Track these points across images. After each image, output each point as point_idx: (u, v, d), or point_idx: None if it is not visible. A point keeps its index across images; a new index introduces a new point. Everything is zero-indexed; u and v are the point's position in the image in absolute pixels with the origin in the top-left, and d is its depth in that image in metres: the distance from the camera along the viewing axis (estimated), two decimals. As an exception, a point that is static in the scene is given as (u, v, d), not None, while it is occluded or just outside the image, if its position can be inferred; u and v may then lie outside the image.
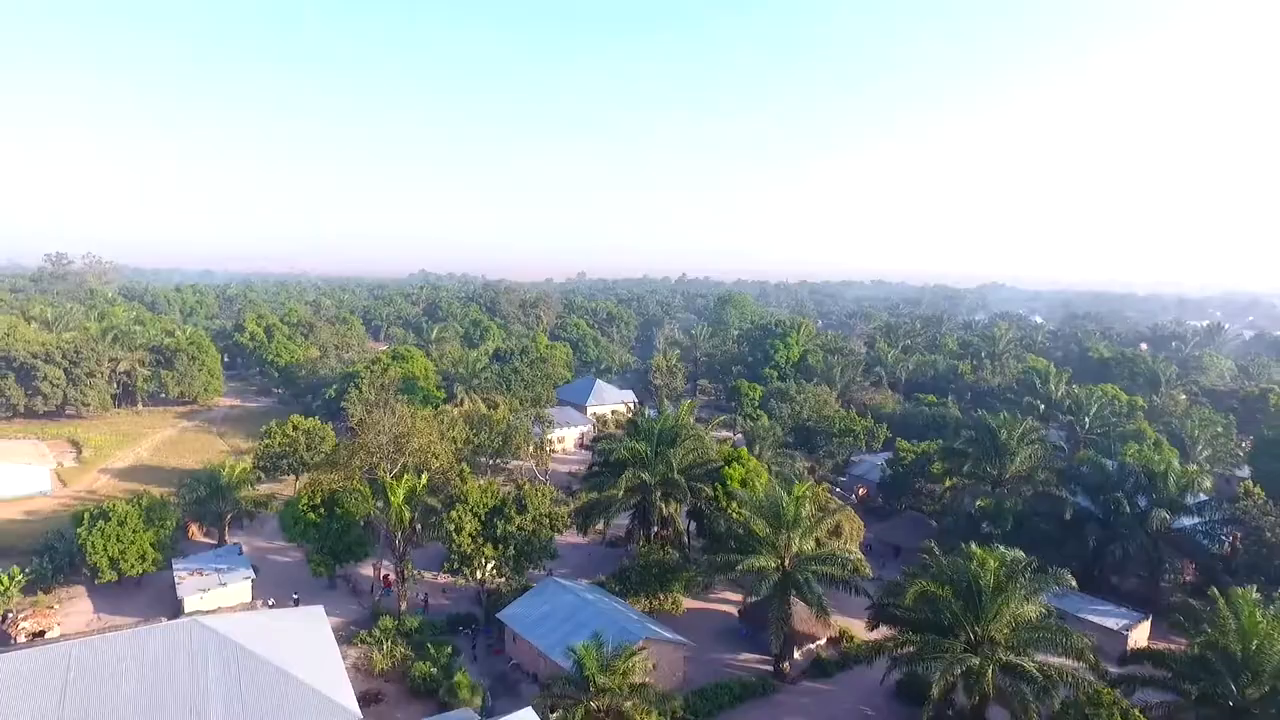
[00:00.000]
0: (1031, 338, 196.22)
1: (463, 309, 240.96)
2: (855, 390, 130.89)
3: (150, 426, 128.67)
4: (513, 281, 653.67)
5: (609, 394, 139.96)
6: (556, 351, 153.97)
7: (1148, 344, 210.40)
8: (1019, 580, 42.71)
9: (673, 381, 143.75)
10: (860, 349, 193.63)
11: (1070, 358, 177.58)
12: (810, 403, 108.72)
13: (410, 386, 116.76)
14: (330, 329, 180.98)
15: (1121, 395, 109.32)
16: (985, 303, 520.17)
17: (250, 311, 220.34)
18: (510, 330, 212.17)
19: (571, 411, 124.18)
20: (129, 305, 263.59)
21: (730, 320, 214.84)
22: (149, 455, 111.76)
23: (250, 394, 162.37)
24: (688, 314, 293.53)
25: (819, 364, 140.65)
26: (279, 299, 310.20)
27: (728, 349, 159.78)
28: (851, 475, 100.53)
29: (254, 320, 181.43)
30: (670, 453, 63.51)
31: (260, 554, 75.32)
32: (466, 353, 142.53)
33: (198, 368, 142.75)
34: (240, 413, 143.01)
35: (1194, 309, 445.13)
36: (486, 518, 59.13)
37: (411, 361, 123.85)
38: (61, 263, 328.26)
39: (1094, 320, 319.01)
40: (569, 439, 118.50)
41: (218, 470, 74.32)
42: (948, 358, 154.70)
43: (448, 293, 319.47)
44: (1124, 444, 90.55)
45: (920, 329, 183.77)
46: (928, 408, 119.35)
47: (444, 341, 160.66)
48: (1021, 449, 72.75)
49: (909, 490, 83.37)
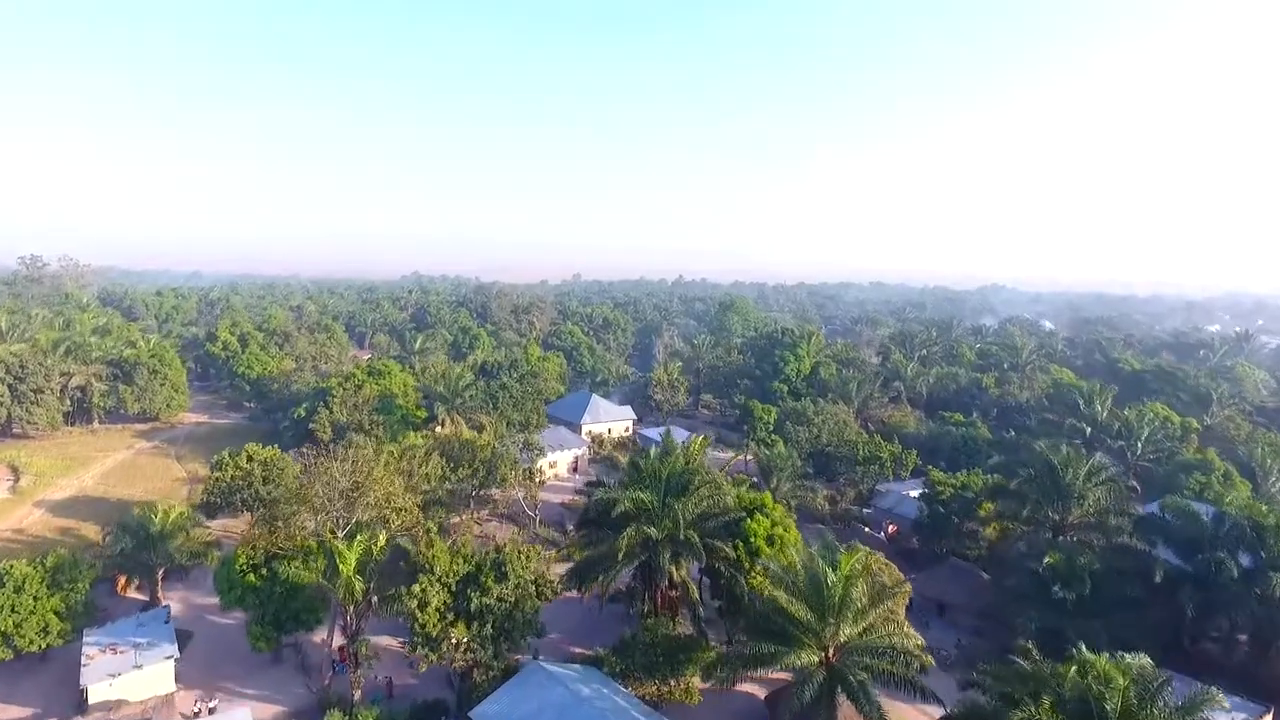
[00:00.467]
0: (1051, 346, 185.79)
1: (452, 315, 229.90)
2: (873, 407, 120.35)
3: (103, 448, 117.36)
4: (507, 283, 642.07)
5: (606, 410, 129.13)
6: (549, 364, 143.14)
7: (1171, 352, 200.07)
8: (1155, 705, 32.07)
9: (674, 396, 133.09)
10: (873, 359, 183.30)
11: (1095, 368, 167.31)
12: (829, 425, 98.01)
13: (387, 405, 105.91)
14: (308, 339, 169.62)
15: (1174, 417, 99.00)
16: (988, 305, 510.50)
17: (225, 318, 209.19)
18: (501, 338, 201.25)
19: (565, 432, 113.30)
20: (103, 311, 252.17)
21: (733, 327, 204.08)
22: (94, 484, 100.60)
23: (220, 409, 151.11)
24: (686, 319, 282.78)
25: (833, 378, 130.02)
26: (263, 303, 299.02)
27: (732, 360, 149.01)
28: (878, 508, 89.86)
29: (227, 328, 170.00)
30: (680, 505, 52.68)
31: (199, 615, 64.42)
32: (450, 367, 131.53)
33: (160, 382, 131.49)
34: (206, 430, 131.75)
35: (1201, 312, 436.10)
36: (458, 587, 48.37)
37: (389, 377, 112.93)
38: (36, 265, 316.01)
39: (1105, 324, 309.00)
40: (562, 463, 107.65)
41: (147, 518, 63.30)
42: (968, 370, 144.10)
43: (438, 297, 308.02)
44: (1187, 475, 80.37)
45: (935, 338, 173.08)
46: (954, 428, 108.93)
47: (428, 353, 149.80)
48: (1090, 491, 62.13)
49: (951, 533, 72.68)
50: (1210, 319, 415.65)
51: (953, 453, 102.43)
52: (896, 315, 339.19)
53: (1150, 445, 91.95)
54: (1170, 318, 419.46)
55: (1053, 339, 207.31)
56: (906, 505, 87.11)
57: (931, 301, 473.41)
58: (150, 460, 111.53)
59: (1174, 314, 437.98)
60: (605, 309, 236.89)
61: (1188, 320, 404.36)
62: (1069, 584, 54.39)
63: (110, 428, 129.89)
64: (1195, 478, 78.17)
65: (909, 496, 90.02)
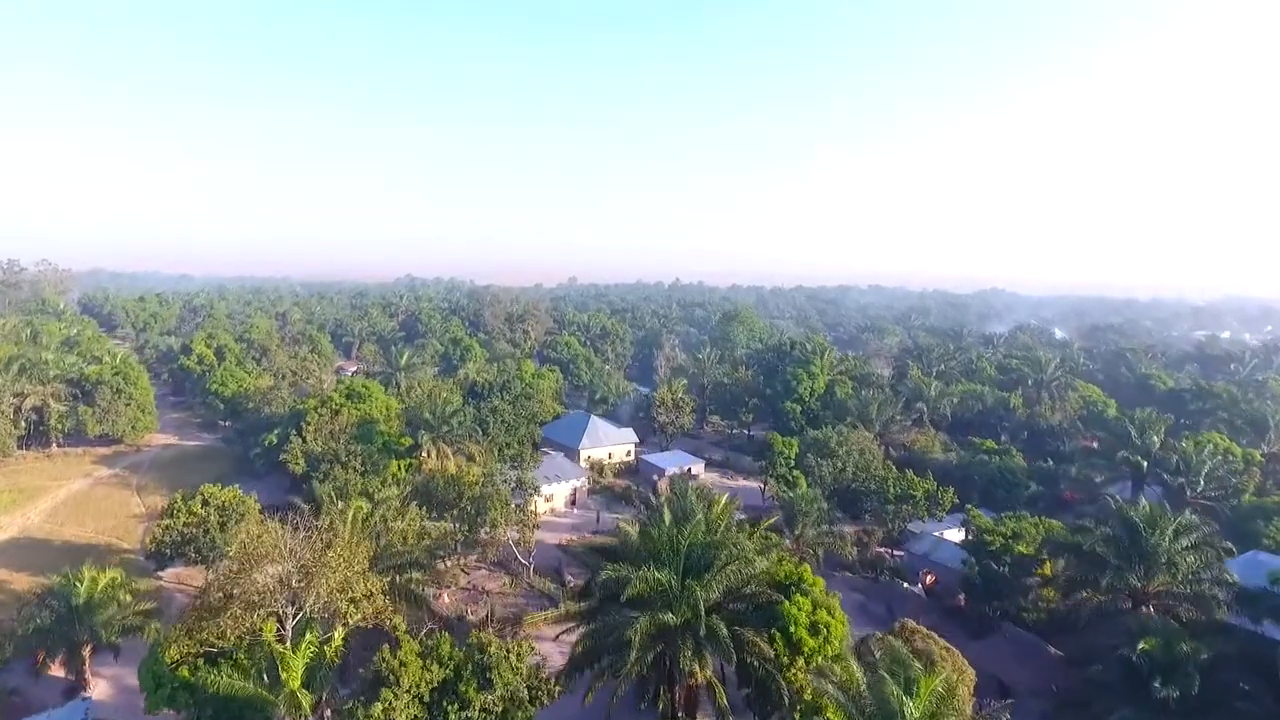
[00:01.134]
0: (1072, 358, 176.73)
1: (443, 324, 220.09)
2: (895, 431, 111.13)
3: (57, 476, 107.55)
4: (501, 287, 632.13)
5: (606, 433, 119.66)
6: (544, 381, 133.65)
7: (1195, 363, 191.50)
8: None
9: (679, 417, 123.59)
10: (884, 372, 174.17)
11: (1121, 384, 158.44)
12: (855, 457, 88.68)
13: (367, 432, 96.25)
14: (288, 353, 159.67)
15: (1235, 448, 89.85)
16: (991, 309, 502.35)
17: (204, 329, 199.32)
18: (494, 349, 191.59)
19: (561, 461, 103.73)
20: (79, 319, 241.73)
21: (736, 338, 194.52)
22: (41, 521, 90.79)
23: (193, 428, 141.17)
24: (686, 326, 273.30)
25: (849, 398, 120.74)
26: (248, 309, 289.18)
27: (739, 377, 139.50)
28: (912, 553, 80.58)
29: (203, 341, 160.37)
30: (701, 586, 43.31)
31: (132, 700, 54.49)
32: (438, 386, 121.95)
33: (124, 402, 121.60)
34: (173, 455, 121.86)
35: (1209, 318, 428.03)
36: (432, 698, 38.93)
37: (370, 400, 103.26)
38: (13, 271, 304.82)
39: (1117, 332, 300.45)
40: (559, 496, 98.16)
41: (70, 587, 53.65)
42: (993, 389, 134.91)
43: (429, 304, 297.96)
44: (1266, 521, 71.29)
45: (953, 351, 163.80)
46: (987, 456, 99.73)
47: (415, 369, 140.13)
48: (1180, 556, 52.91)
49: (1007, 595, 63.38)
50: (1219, 325, 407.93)
51: (988, 485, 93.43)
52: (901, 322, 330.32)
53: (1212, 482, 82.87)
54: (1177, 324, 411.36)
55: (1071, 351, 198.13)
56: (945, 550, 78.01)
57: (934, 306, 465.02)
58: (107, 492, 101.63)
59: (1180, 320, 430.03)
60: (603, 317, 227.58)
61: (1196, 326, 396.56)
62: (1171, 678, 45.12)
63: (70, 452, 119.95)
64: (1276, 525, 69.08)
65: (946, 540, 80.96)
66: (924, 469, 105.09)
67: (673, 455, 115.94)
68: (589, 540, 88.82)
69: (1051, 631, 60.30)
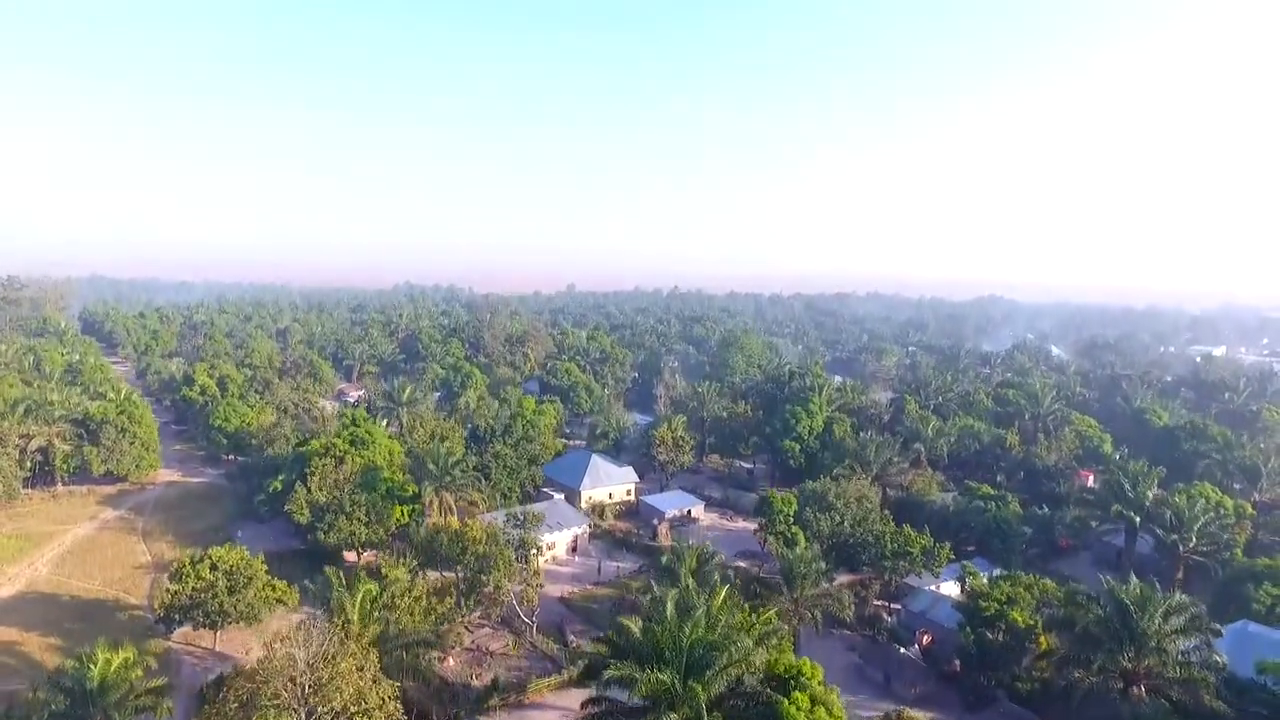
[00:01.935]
0: (1068, 387, 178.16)
1: (443, 348, 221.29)
2: (893, 473, 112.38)
3: (63, 519, 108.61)
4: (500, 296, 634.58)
5: (606, 473, 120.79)
6: (545, 415, 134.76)
7: (1191, 389, 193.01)
8: None
9: (679, 455, 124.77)
10: (883, 399, 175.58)
11: (1118, 416, 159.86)
12: (853, 509, 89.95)
13: (371, 480, 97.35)
14: (289, 386, 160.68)
15: (1226, 501, 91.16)
16: (989, 319, 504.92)
17: (205, 356, 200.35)
18: (495, 373, 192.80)
19: (563, 507, 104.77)
20: (80, 340, 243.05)
21: (735, 364, 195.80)
22: (49, 571, 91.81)
23: (196, 462, 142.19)
24: (685, 344, 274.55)
25: (847, 437, 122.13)
26: (248, 326, 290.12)
27: (739, 412, 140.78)
28: (909, 611, 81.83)
29: (205, 371, 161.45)
30: (703, 685, 44.49)
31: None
32: (440, 424, 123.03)
33: (128, 441, 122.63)
34: (178, 494, 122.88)
35: (1207, 332, 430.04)
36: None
37: (373, 446, 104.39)
38: (14, 288, 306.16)
39: (1114, 351, 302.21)
40: (561, 543, 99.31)
41: (84, 670, 54.71)
42: (989, 427, 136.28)
43: (429, 321, 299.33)
44: (1255, 585, 72.55)
45: (950, 383, 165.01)
46: (983, 502, 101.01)
47: (416, 403, 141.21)
48: (1169, 641, 54.16)
49: (1002, 666, 64.53)
50: (1216, 338, 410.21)
51: (984, 535, 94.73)
52: (899, 340, 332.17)
53: (1204, 537, 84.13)
54: (1174, 337, 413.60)
55: (1068, 376, 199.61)
56: (942, 608, 79.17)
57: (932, 319, 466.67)
58: (113, 539, 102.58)
59: (1178, 333, 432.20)
60: (603, 338, 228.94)
61: (1193, 340, 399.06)
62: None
63: (74, 491, 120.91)
64: (1265, 590, 70.36)
65: (943, 597, 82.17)
66: (921, 513, 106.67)
67: (672, 496, 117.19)
68: (591, 593, 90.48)
69: (1046, 704, 61.47)
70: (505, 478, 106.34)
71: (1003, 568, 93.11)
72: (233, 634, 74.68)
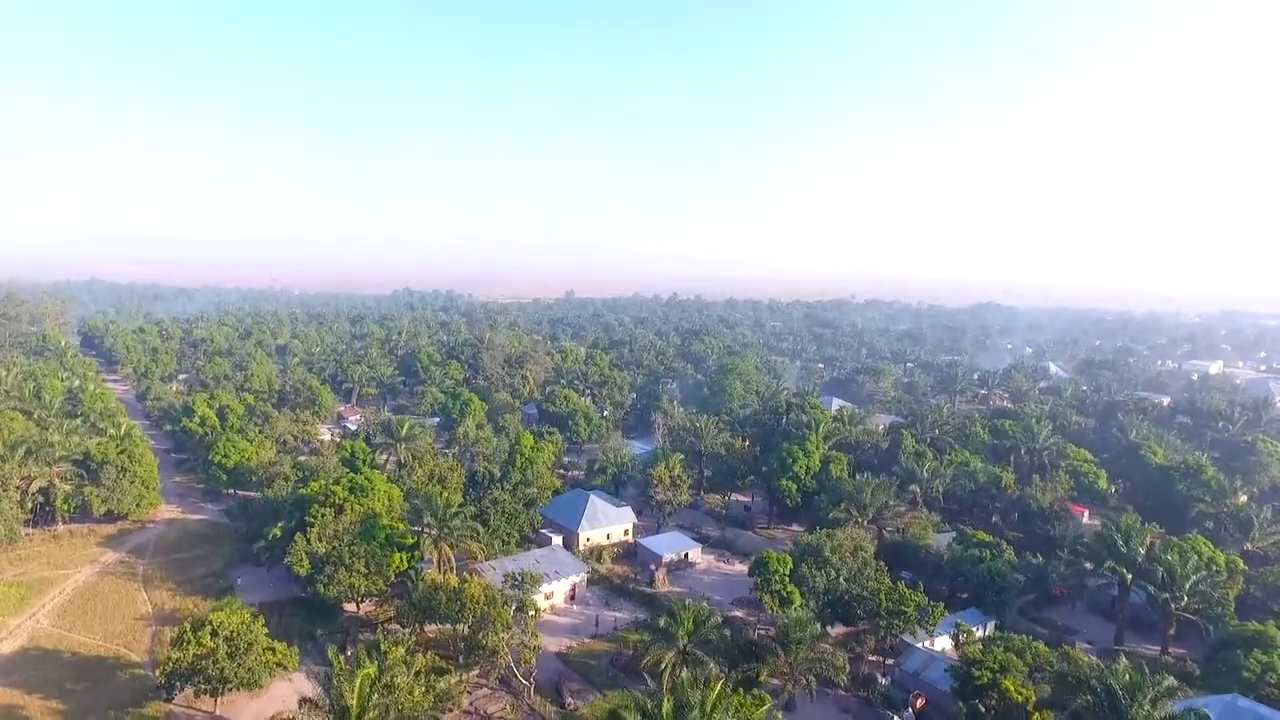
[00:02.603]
0: (1064, 416, 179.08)
1: (441, 370, 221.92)
2: (889, 516, 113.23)
3: (64, 563, 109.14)
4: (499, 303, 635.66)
5: (605, 514, 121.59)
6: (543, 452, 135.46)
7: (1187, 415, 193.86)
8: None
9: (677, 495, 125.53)
10: (879, 427, 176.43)
11: (1114, 448, 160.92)
12: (849, 562, 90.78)
13: (370, 529, 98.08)
14: (289, 418, 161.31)
15: (1219, 557, 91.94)
16: (986, 330, 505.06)
17: (204, 383, 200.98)
18: (494, 398, 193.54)
19: (560, 555, 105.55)
20: (81, 360, 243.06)
21: (732, 390, 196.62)
22: (51, 624, 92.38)
23: (197, 496, 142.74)
24: (684, 362, 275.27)
25: (843, 477, 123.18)
26: (248, 343, 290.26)
27: (737, 448, 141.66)
28: (904, 670, 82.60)
29: (204, 402, 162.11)
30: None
31: None
32: (438, 464, 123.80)
33: (129, 480, 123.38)
34: (178, 534, 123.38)
35: (1203, 343, 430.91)
36: None
37: (372, 493, 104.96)
38: (14, 303, 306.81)
39: (1111, 368, 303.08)
40: (559, 593, 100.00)
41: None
42: (984, 462, 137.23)
43: (428, 338, 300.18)
44: (1245, 652, 73.28)
45: (947, 417, 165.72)
46: (979, 551, 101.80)
47: (415, 438, 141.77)
48: (1159, 729, 54.96)
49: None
50: (1214, 351, 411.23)
51: (979, 587, 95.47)
52: (897, 356, 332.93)
53: (1195, 595, 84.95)
54: (1172, 350, 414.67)
55: (1064, 404, 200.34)
56: (936, 669, 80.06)
57: (930, 330, 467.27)
58: (114, 585, 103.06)
59: (1175, 345, 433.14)
60: (602, 359, 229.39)
61: (1191, 353, 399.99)
62: None
63: (75, 530, 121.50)
64: (1255, 657, 71.14)
65: (938, 657, 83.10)
66: (916, 558, 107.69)
67: (670, 538, 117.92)
68: (589, 647, 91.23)
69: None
70: (504, 524, 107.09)
71: (997, 619, 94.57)
72: (234, 698, 75.42)
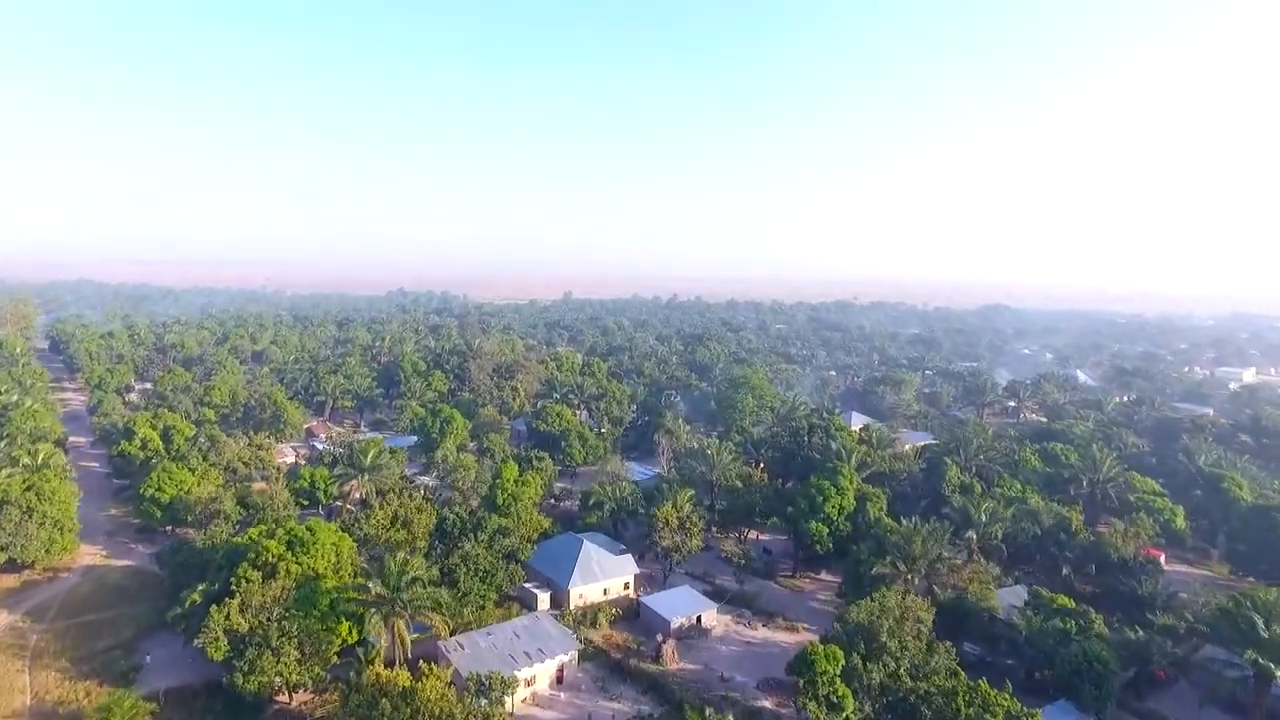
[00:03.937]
0: (1120, 438, 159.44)
1: (424, 383, 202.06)
2: (942, 570, 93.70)
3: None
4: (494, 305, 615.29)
5: (600, 563, 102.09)
6: (529, 486, 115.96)
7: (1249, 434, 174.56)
8: None
9: (686, 541, 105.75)
10: (908, 446, 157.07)
11: (1178, 475, 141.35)
12: (910, 649, 71.26)
13: (309, 596, 78.64)
14: (241, 443, 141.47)
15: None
16: (1000, 334, 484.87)
17: (161, 394, 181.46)
18: (479, 414, 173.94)
19: (545, 625, 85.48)
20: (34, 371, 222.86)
21: (744, 406, 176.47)
22: (-104, 724, 73.04)
23: (129, 534, 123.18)
24: (687, 370, 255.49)
25: (883, 519, 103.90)
26: (221, 350, 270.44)
27: (754, 479, 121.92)
28: (991, 802, 63.13)
29: (146, 422, 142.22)
30: None
31: None
32: (403, 503, 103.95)
33: (36, 522, 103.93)
34: (93, 587, 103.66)
35: (1231, 349, 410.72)
36: None
37: (315, 549, 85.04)
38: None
39: (1144, 376, 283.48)
40: (542, 676, 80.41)
41: None
42: (1043, 497, 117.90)
43: (413, 345, 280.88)
44: None
45: (993, 442, 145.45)
46: (1059, 619, 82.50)
47: (381, 468, 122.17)
48: None
49: None
50: (1242, 358, 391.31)
51: (1072, 674, 75.83)
52: (913, 363, 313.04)
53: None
54: (1196, 356, 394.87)
55: (1110, 422, 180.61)
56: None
57: (942, 335, 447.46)
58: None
59: (1198, 351, 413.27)
60: (599, 369, 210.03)
61: (1219, 360, 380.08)
62: None
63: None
64: None
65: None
66: (980, 627, 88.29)
67: (678, 596, 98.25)
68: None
69: None
70: (476, 585, 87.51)
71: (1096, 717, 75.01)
72: None
